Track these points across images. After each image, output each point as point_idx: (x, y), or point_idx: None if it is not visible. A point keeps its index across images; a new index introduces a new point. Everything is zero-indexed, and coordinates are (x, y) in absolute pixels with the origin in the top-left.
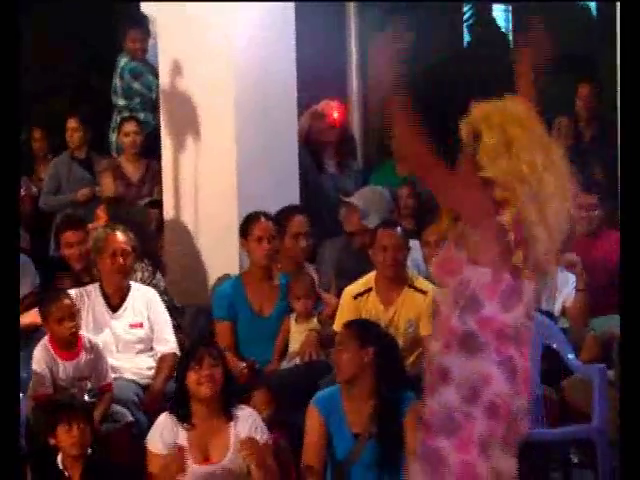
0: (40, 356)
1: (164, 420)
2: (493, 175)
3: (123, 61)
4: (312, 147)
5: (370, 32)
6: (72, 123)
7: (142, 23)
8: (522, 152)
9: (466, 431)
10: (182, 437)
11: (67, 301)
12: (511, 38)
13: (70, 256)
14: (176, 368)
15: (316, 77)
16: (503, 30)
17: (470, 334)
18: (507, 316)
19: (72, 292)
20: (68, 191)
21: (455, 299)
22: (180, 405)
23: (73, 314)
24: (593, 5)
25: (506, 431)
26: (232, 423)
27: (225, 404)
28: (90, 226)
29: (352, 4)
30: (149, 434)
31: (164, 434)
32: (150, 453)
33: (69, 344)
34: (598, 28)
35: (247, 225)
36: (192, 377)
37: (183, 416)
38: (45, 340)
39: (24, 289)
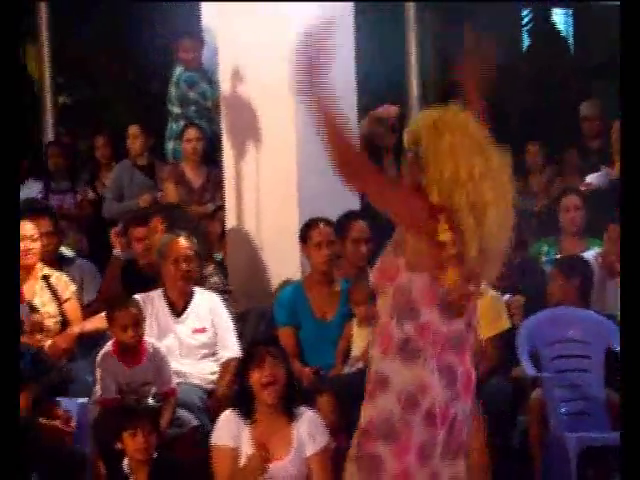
0: (104, 361)
1: (227, 416)
2: (432, 180)
3: (178, 70)
4: (372, 152)
5: (429, 36)
6: (133, 130)
7: (194, 33)
8: (461, 159)
9: (404, 438)
10: (245, 433)
11: (133, 309)
12: (572, 42)
13: (137, 250)
14: (237, 367)
15: (376, 81)
16: (563, 34)
17: (407, 340)
18: (447, 326)
19: (136, 297)
20: (130, 197)
21: (393, 305)
22: (243, 403)
23: (138, 322)
24: None
25: (447, 437)
26: (294, 423)
27: (287, 404)
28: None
29: (412, 8)
30: (214, 431)
31: (229, 428)
32: (216, 448)
33: (132, 350)
34: None
35: (306, 231)
36: (255, 377)
37: (246, 413)
38: (109, 345)
39: (89, 295)
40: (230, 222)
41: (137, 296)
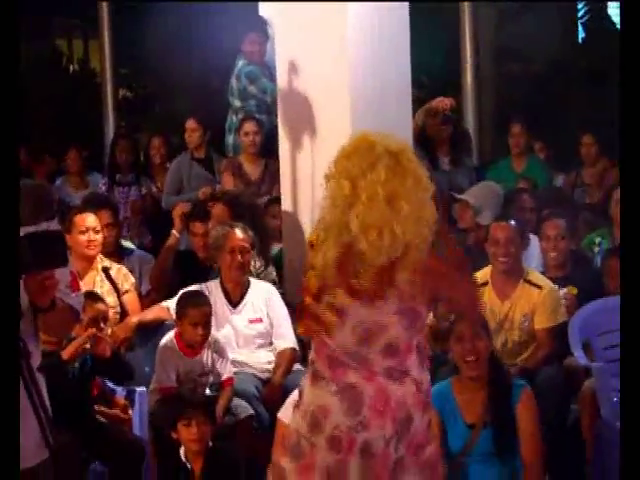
0: (167, 350)
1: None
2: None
3: (240, 63)
4: (426, 144)
5: (484, 26)
6: (190, 124)
7: (260, 27)
8: (334, 182)
9: (309, 458)
10: None
11: (206, 308)
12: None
13: (196, 245)
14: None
15: (430, 74)
16: (618, 27)
17: (312, 361)
18: (330, 340)
19: (194, 287)
20: (189, 190)
21: None
22: None
23: (208, 322)
24: None
25: (361, 462)
26: None
27: None
28: (210, 225)
29: (467, 3)
30: (283, 407)
31: None
32: (280, 423)
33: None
34: None
35: None
36: None
37: None
38: (171, 335)
39: (147, 286)
40: (286, 212)
41: (195, 286)
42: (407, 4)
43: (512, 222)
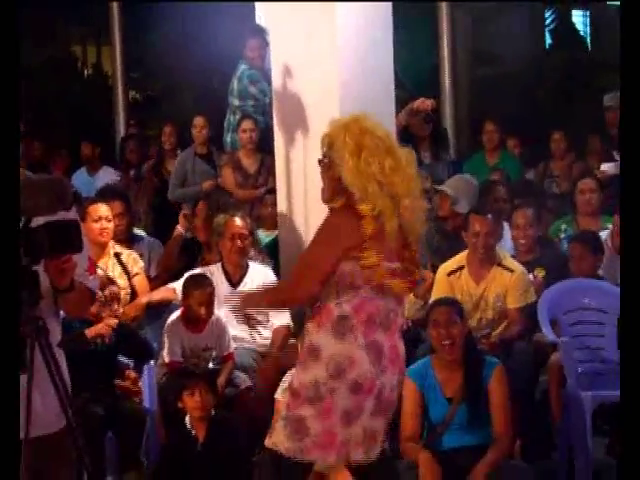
0: (173, 328)
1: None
2: (343, 175)
3: (242, 67)
4: (409, 140)
5: (460, 32)
6: (199, 121)
7: (260, 34)
8: (371, 157)
9: (328, 402)
10: None
11: (209, 289)
12: (589, 41)
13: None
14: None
15: (412, 75)
16: (582, 33)
17: (343, 317)
18: (380, 302)
19: (198, 271)
20: (193, 183)
21: (336, 289)
22: None
23: (212, 301)
24: None
25: (375, 402)
26: None
27: None
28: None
29: (444, 8)
30: (279, 388)
31: None
32: (280, 403)
33: (198, 318)
34: None
35: None
36: None
37: None
38: (178, 313)
39: (154, 270)
40: (281, 203)
41: (199, 269)
42: (390, 6)
43: (489, 216)
